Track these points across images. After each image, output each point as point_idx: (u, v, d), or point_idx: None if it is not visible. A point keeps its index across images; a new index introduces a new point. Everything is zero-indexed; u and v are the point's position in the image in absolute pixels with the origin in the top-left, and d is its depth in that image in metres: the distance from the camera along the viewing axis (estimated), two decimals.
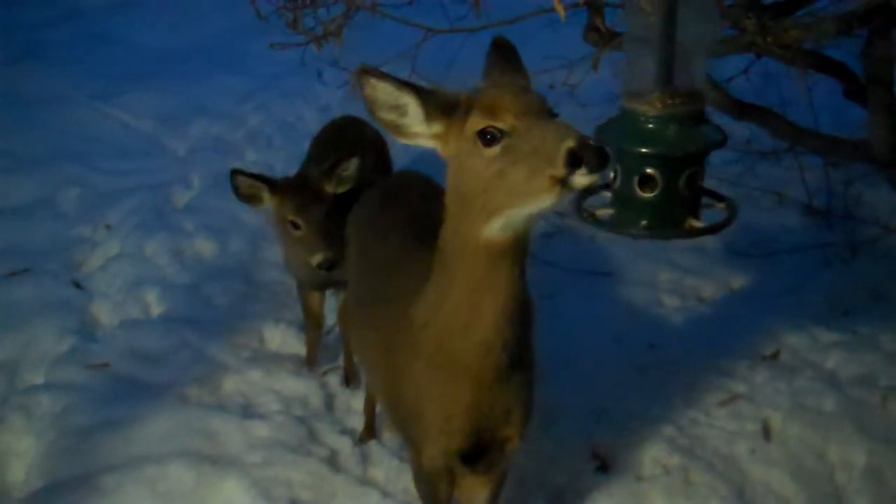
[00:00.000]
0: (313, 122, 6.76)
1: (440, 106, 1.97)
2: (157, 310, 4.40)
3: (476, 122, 1.90)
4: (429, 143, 2.01)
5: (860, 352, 3.70)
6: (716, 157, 5.80)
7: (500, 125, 1.86)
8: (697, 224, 1.65)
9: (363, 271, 2.75)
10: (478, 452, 2.36)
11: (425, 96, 1.96)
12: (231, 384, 3.80)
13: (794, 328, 3.95)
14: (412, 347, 2.24)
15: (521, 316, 2.10)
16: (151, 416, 3.53)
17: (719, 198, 1.71)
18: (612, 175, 1.63)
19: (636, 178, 1.60)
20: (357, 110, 7.15)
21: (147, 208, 5.34)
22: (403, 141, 2.01)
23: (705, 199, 1.77)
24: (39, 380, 3.82)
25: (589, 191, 1.75)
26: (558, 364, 3.75)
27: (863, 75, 3.66)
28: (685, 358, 3.84)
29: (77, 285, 4.60)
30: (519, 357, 2.17)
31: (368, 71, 1.92)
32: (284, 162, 6.08)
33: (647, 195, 1.60)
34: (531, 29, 4.08)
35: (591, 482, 3.25)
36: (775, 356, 3.81)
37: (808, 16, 3.27)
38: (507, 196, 1.85)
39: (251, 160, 6.18)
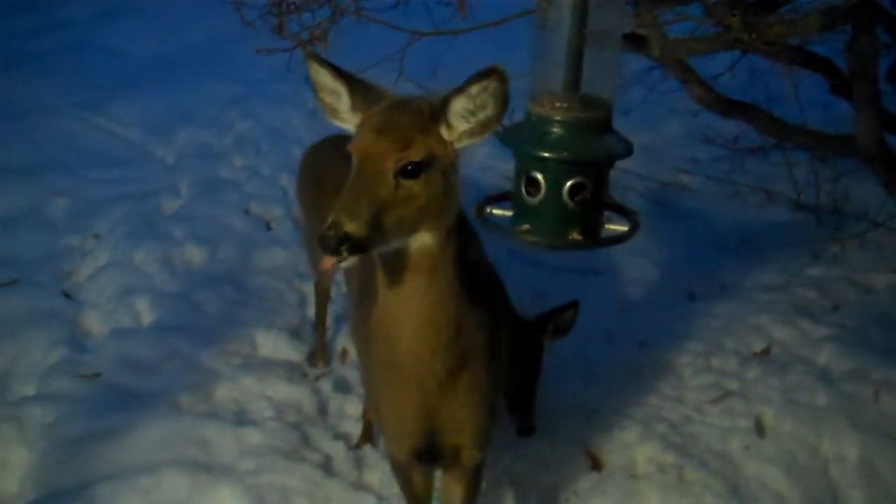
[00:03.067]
0: (301, 128, 6.77)
1: (368, 100, 2.06)
2: (147, 318, 4.38)
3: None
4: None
5: (851, 346, 3.72)
6: (704, 154, 5.87)
7: (349, 148, 1.97)
8: (578, 237, 1.63)
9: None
10: (433, 454, 2.42)
11: (356, 88, 2.06)
12: (223, 391, 3.78)
13: (785, 324, 3.96)
14: (369, 345, 2.32)
15: (457, 326, 2.14)
16: (144, 425, 3.51)
17: (625, 212, 1.69)
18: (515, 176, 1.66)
19: (523, 180, 1.60)
20: None
21: (136, 217, 5.32)
22: (336, 123, 2.11)
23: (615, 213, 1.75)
24: (31, 391, 3.79)
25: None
26: (550, 364, 3.75)
27: (848, 70, 3.68)
28: (677, 356, 3.85)
29: (67, 295, 4.58)
30: (463, 366, 2.22)
31: (313, 56, 2.09)
32: (272, 168, 6.08)
33: (532, 199, 1.60)
34: (517, 30, 4.08)
35: (585, 482, 3.26)
36: (766, 352, 3.82)
37: (793, 12, 3.28)
38: None
39: (239, 166, 6.17)
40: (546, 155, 1.58)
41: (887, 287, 4.17)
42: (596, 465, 3.33)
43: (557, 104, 1.57)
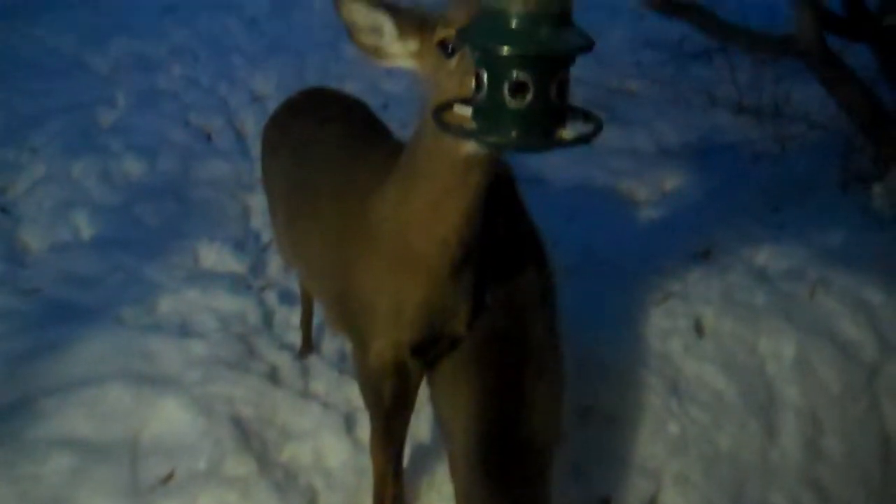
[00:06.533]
0: (240, 36, 6.63)
1: (414, 23, 1.95)
2: (87, 232, 4.32)
3: (438, 34, 1.89)
4: (407, 63, 1.99)
5: (789, 246, 3.77)
6: (648, 58, 5.86)
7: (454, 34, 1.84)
8: (567, 135, 1.59)
9: (296, 170, 2.71)
10: (427, 344, 2.39)
11: (399, 14, 1.95)
12: (167, 304, 3.76)
13: (726, 226, 4.00)
14: (367, 240, 2.26)
15: (479, 216, 2.13)
16: (87, 339, 3.48)
17: (583, 113, 1.65)
18: (472, 83, 1.56)
19: (506, 85, 1.53)
20: (284, 20, 6.98)
21: (72, 129, 5.21)
22: (384, 64, 2.00)
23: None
24: None
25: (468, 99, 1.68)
26: None
27: None
28: (620, 259, 3.88)
29: (3, 210, 4.50)
30: (471, 253, 2.21)
31: None
32: (211, 77, 5.96)
33: (518, 104, 1.53)
34: None
35: None
36: (707, 254, 3.86)
37: None
38: None
39: (177, 76, 6.04)
40: (535, 52, 1.51)
41: (826, 187, 4.22)
42: None
43: None
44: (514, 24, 1.50)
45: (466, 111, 1.59)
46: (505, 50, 1.49)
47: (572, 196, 4.42)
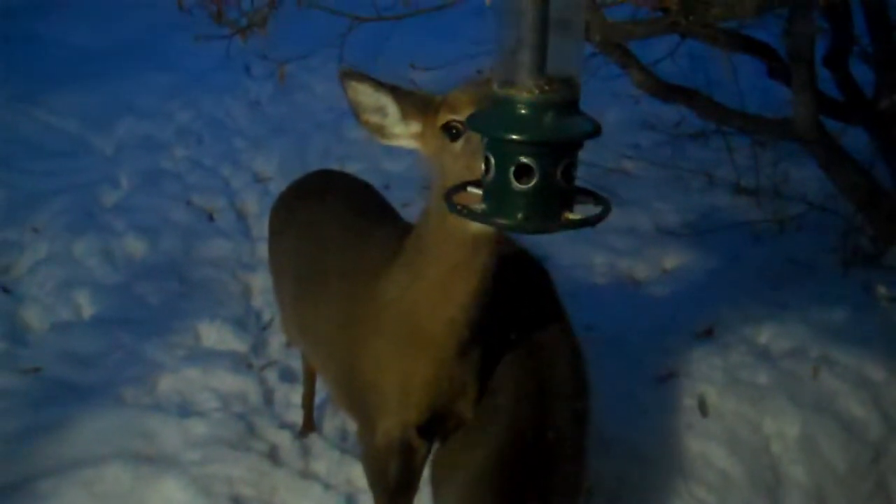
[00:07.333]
0: (243, 118, 6.71)
1: (417, 106, 2.01)
2: (88, 311, 4.32)
3: (442, 118, 1.94)
4: (409, 144, 2.05)
5: (791, 325, 3.77)
6: (646, 140, 5.89)
7: (460, 118, 1.89)
8: (573, 216, 1.63)
9: (304, 251, 2.74)
10: (434, 424, 2.39)
11: (401, 96, 2.00)
12: (167, 383, 3.74)
13: (727, 304, 4.01)
14: (374, 321, 2.28)
15: (487, 295, 2.14)
16: (87, 419, 3.46)
17: (592, 196, 1.69)
18: (482, 167, 1.60)
19: (511, 169, 1.58)
20: (286, 103, 7.05)
21: (75, 209, 5.24)
22: (386, 142, 2.05)
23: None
24: None
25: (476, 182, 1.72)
26: None
27: (786, 54, 3.74)
28: (622, 338, 3.87)
29: (5, 290, 4.50)
30: (479, 333, 2.22)
31: (349, 74, 1.97)
32: (214, 158, 6.02)
33: (523, 186, 1.58)
34: (459, 16, 4.09)
35: None
36: (709, 332, 3.86)
37: None
38: None
39: (180, 157, 6.10)
40: (538, 139, 1.56)
41: (826, 266, 4.24)
42: None
43: (534, 85, 1.57)
44: (520, 111, 1.54)
45: (477, 193, 1.62)
46: (511, 136, 1.53)
47: (574, 275, 4.43)
